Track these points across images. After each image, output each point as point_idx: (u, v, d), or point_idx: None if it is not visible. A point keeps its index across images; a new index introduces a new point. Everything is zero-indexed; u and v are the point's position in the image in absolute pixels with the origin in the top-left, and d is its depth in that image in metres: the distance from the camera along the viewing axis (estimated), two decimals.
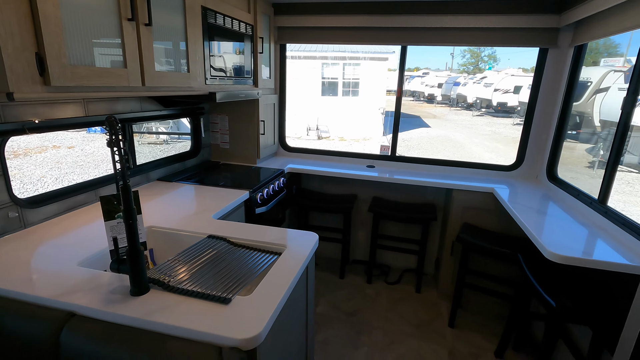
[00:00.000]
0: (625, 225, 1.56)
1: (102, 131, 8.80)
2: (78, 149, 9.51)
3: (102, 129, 6.60)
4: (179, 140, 9.30)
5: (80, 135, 10.60)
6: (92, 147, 9.78)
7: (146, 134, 9.36)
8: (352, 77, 13.52)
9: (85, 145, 9.97)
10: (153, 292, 1.01)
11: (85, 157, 8.96)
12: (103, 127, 1.05)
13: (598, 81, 8.98)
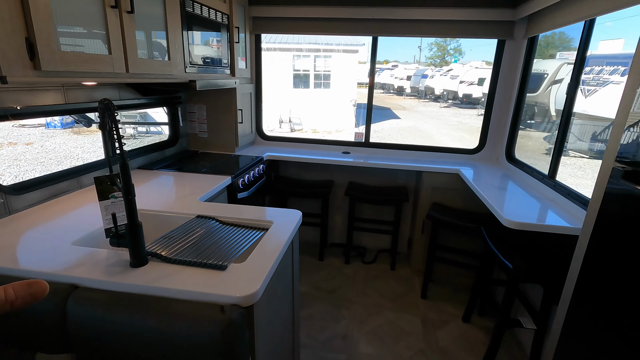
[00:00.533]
0: (570, 195, 1.78)
1: (63, 126, 8.39)
2: (37, 146, 9.02)
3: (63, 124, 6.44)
4: (147, 135, 9.04)
5: (39, 132, 10.04)
6: (52, 144, 9.29)
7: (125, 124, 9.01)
8: (324, 69, 13.60)
9: (44, 141, 9.45)
10: (152, 264, 1.09)
11: (46, 153, 8.52)
12: (97, 112, 1.10)
13: (553, 73, 9.58)
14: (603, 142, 7.32)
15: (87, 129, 10.06)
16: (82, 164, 1.79)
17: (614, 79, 7.23)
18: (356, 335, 2.12)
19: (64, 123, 9.89)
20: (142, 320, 0.92)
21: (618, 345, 1.07)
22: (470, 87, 17.57)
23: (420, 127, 13.07)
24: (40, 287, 0.33)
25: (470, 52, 25.42)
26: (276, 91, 13.15)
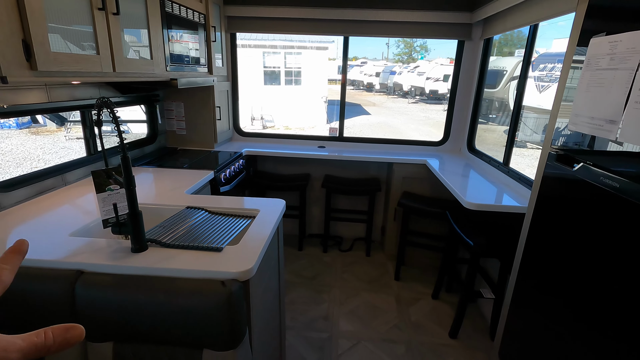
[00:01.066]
0: (521, 180, 2.02)
1: (18, 126, 7.95)
2: None
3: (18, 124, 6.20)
4: (111, 134, 8.73)
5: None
6: (8, 145, 8.79)
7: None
8: (294, 66, 13.66)
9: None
10: (152, 249, 1.18)
11: (3, 155, 8.06)
12: (94, 108, 1.17)
13: (512, 70, 10.19)
14: None
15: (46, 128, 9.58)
16: (65, 161, 1.82)
17: (557, 76, 7.83)
18: (336, 315, 2.28)
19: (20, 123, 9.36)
20: (150, 297, 1.02)
21: (557, 306, 1.29)
22: (436, 83, 18.21)
23: (390, 123, 13.45)
24: (77, 332, 0.32)
25: (435, 50, 26.25)
26: (247, 88, 13.06)
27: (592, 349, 1.07)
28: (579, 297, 1.15)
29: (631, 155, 0.96)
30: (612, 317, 1.00)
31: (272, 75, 13.82)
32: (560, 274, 1.26)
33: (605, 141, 1.05)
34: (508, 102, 9.66)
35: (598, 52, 1.08)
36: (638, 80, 0.92)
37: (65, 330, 0.31)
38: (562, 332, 1.22)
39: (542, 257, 1.38)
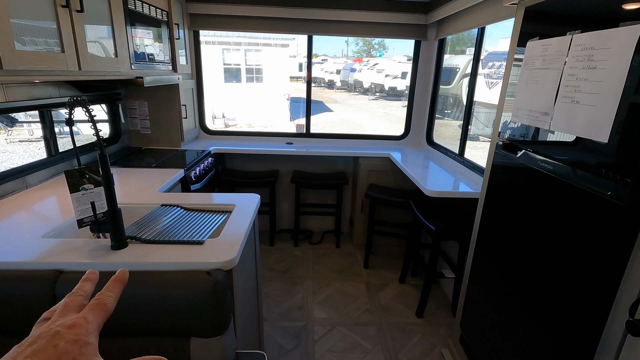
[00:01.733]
0: (474, 169, 2.22)
1: None
2: None
3: None
4: (60, 135, 8.18)
5: None
6: None
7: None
8: (255, 63, 13.52)
9: None
10: (132, 246, 1.20)
11: None
12: (65, 107, 1.16)
13: (464, 67, 10.78)
14: None
15: None
16: (25, 163, 1.75)
17: (502, 73, 8.44)
18: (310, 304, 2.38)
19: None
20: (136, 292, 1.05)
21: (506, 277, 1.46)
22: (394, 80, 18.79)
23: (352, 119, 13.73)
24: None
25: (393, 49, 27.04)
26: (207, 86, 12.70)
27: (535, 310, 1.25)
28: (523, 266, 1.32)
29: (561, 144, 1.13)
30: (549, 280, 1.17)
31: (232, 72, 13.58)
32: (509, 249, 1.43)
33: (545, 132, 1.23)
34: (461, 98, 10.24)
35: (533, 53, 1.25)
36: (564, 78, 1.09)
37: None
38: (510, 300, 1.39)
39: (493, 236, 1.56)
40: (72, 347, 0.28)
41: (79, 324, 0.30)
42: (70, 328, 0.30)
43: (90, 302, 0.34)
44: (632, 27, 0.87)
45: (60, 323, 0.30)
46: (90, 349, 0.29)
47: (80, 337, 0.29)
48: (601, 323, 0.99)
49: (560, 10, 1.15)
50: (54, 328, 0.30)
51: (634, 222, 0.89)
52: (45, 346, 0.28)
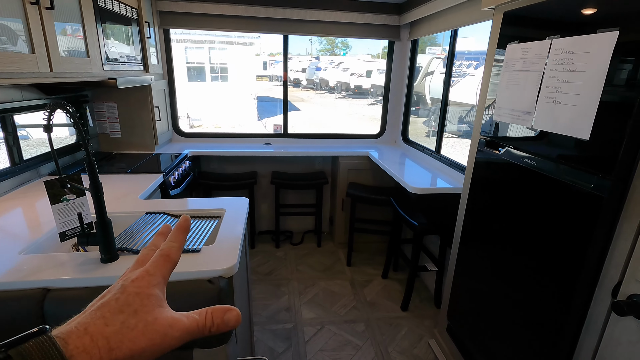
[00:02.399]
0: (452, 165, 2.32)
1: None
2: None
3: None
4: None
5: None
6: None
7: None
8: (220, 62, 13.20)
9: None
10: (124, 257, 1.14)
11: None
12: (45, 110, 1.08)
13: (426, 66, 11.16)
14: (467, 123, 8.97)
15: None
16: None
17: (470, 72, 8.87)
18: (297, 305, 2.37)
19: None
20: None
21: (491, 270, 1.54)
22: (359, 78, 19.06)
23: (319, 118, 13.78)
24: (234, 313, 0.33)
25: (357, 48, 27.38)
26: None
27: (522, 297, 1.33)
28: (509, 256, 1.40)
29: (545, 142, 1.21)
30: (535, 268, 1.25)
31: (196, 71, 13.18)
32: (493, 240, 1.52)
33: (510, 129, 1.31)
34: (425, 95, 10.61)
35: (513, 56, 1.33)
36: (545, 80, 1.17)
37: (223, 312, 0.33)
38: (496, 288, 1.47)
39: (478, 229, 1.64)
40: (133, 299, 0.30)
41: (142, 276, 0.32)
42: (133, 281, 0.31)
43: (154, 255, 0.34)
44: (609, 34, 0.95)
45: (127, 277, 0.32)
46: (153, 300, 0.31)
47: (142, 289, 0.31)
48: (586, 305, 1.08)
49: (539, 15, 1.23)
50: (120, 282, 0.32)
51: (615, 212, 0.98)
52: (109, 299, 0.30)
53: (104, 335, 0.27)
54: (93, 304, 0.30)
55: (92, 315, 0.28)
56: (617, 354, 0.99)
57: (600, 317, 1.04)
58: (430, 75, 10.77)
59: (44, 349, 0.25)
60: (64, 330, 0.27)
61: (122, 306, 0.29)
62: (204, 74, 13.14)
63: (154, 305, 0.30)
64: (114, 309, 0.29)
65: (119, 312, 0.29)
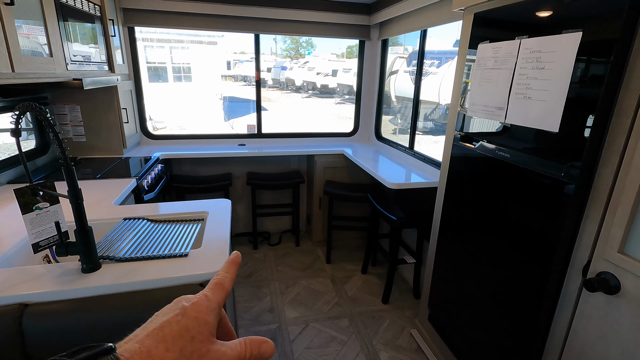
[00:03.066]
0: (426, 160, 2.40)
1: None
2: None
3: None
4: None
5: None
6: None
7: None
8: (182, 61, 12.78)
9: None
10: (106, 267, 1.09)
11: None
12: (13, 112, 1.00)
13: (390, 65, 11.40)
14: (431, 120, 9.30)
15: None
16: None
17: (432, 71, 9.20)
18: (280, 305, 2.36)
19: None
20: (124, 316, 0.96)
21: (470, 258, 1.62)
22: (326, 77, 19.16)
23: (288, 118, 13.72)
24: (269, 345, 0.34)
25: (320, 47, 27.47)
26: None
27: (501, 281, 1.41)
28: (487, 244, 1.48)
29: (517, 135, 1.29)
30: (512, 252, 1.34)
31: (157, 71, 12.68)
32: (471, 230, 1.60)
33: (469, 120, 1.39)
34: (390, 94, 10.88)
35: (485, 55, 1.41)
36: (516, 77, 1.25)
37: (260, 343, 0.33)
38: (476, 275, 1.56)
39: (456, 219, 1.71)
40: (192, 323, 0.30)
41: (201, 301, 0.32)
42: (193, 305, 0.31)
43: (209, 282, 0.35)
44: (573, 35, 1.03)
45: (188, 298, 0.32)
46: (208, 328, 0.31)
47: (201, 314, 0.31)
48: (559, 285, 1.17)
49: (508, 17, 1.31)
50: (182, 303, 0.32)
51: (583, 198, 1.06)
52: (170, 320, 0.30)
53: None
54: (153, 320, 0.31)
55: (154, 337, 0.29)
56: (589, 328, 1.08)
57: (572, 295, 1.13)
58: (395, 74, 11.09)
59: None
60: (128, 348, 0.28)
61: (182, 330, 0.29)
62: (166, 74, 12.66)
63: (208, 335, 0.31)
64: (175, 332, 0.29)
65: (179, 336, 0.29)
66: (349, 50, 22.35)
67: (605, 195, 1.01)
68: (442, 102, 8.91)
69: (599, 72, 0.98)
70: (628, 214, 0.94)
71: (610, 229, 0.99)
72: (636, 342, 0.95)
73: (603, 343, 1.04)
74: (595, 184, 1.04)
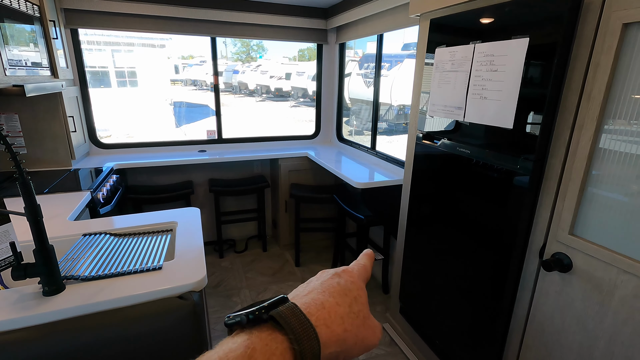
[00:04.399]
0: (388, 159, 2.50)
1: None
2: None
3: None
4: None
5: None
6: None
7: None
8: (127, 65, 12.06)
9: None
10: (71, 287, 1.01)
11: None
12: None
13: None
14: (385, 121, 9.63)
15: None
16: None
17: (383, 74, 9.55)
18: None
19: None
20: (95, 339, 0.90)
21: (438, 249, 1.72)
22: (279, 81, 19.09)
23: (242, 122, 13.46)
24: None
25: (273, 50, 27.31)
26: None
27: (467, 268, 1.51)
28: (452, 234, 1.58)
29: (476, 132, 1.40)
30: (476, 241, 1.44)
31: (98, 76, 11.85)
32: (437, 222, 1.69)
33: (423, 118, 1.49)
34: (344, 96, 11.11)
35: (442, 58, 1.50)
36: (472, 79, 1.35)
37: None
38: (444, 265, 1.65)
39: (422, 214, 1.80)
40: (351, 286, 0.31)
41: (350, 270, 0.34)
42: (345, 271, 0.33)
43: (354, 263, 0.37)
44: (521, 40, 1.14)
45: (334, 268, 0.34)
46: (365, 294, 0.32)
47: (355, 279, 0.33)
48: (520, 268, 1.28)
49: (462, 23, 1.41)
50: (330, 271, 0.33)
51: (537, 187, 1.18)
52: (331, 283, 0.31)
53: (339, 314, 0.29)
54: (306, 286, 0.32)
55: (321, 293, 0.29)
56: (547, 303, 1.19)
57: (531, 276, 1.24)
58: (348, 77, 11.35)
59: (297, 315, 0.26)
60: (299, 303, 0.28)
61: (344, 290, 0.30)
62: (109, 78, 11.86)
63: (366, 300, 0.32)
64: (338, 291, 0.30)
65: (344, 294, 0.30)
66: (300, 53, 22.41)
67: (555, 183, 1.13)
68: (394, 103, 9.29)
69: (546, 73, 1.09)
70: (576, 199, 1.06)
71: (561, 213, 1.11)
72: (587, 312, 1.07)
73: (560, 316, 1.16)
74: (546, 174, 1.15)
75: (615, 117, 0.96)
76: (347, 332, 0.29)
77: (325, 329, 0.27)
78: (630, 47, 0.92)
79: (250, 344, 0.25)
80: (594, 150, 1.01)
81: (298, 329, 0.26)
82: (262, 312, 0.26)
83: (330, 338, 0.27)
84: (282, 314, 0.26)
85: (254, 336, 0.25)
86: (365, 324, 0.31)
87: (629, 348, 0.97)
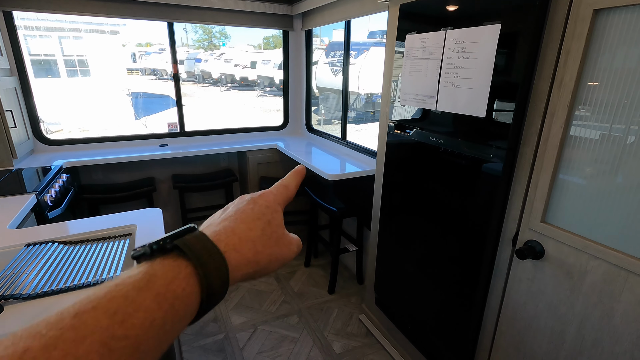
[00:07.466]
0: (358, 150, 2.46)
1: None
2: None
3: None
4: None
5: None
6: None
7: None
8: (76, 53, 11.20)
9: None
10: (10, 308, 0.88)
11: None
12: None
13: None
14: (353, 109, 9.64)
15: None
16: None
17: (351, 61, 9.51)
18: (225, 313, 2.24)
19: None
20: None
21: (412, 239, 1.71)
22: (245, 69, 18.56)
23: (207, 113, 13.02)
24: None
25: (237, 38, 26.43)
26: None
27: (441, 258, 1.51)
28: (426, 224, 1.57)
29: (448, 121, 1.38)
30: (450, 230, 1.44)
31: (44, 65, 10.93)
32: (411, 212, 1.68)
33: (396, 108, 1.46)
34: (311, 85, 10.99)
35: (413, 45, 1.46)
36: (444, 67, 1.32)
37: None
38: (418, 255, 1.64)
39: (395, 204, 1.78)
40: (264, 210, 0.32)
41: (267, 194, 0.35)
42: (261, 196, 0.34)
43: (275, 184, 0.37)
44: (493, 26, 1.12)
45: (250, 195, 0.35)
46: (280, 216, 0.34)
47: (270, 203, 0.33)
48: (493, 255, 1.28)
49: (433, 9, 1.38)
50: (247, 197, 0.34)
51: (509, 176, 1.18)
52: (244, 208, 0.32)
53: (250, 238, 0.30)
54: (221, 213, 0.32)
55: (232, 220, 0.30)
56: (520, 290, 1.21)
57: (505, 263, 1.25)
58: (315, 65, 11.20)
59: (203, 242, 0.27)
60: (209, 231, 0.29)
61: (258, 214, 0.32)
62: (57, 67, 10.96)
63: (281, 222, 0.33)
64: (251, 216, 0.31)
65: (256, 219, 0.31)
66: (265, 41, 21.77)
67: (527, 171, 1.13)
68: (361, 91, 9.29)
69: (518, 61, 1.07)
70: (547, 187, 1.06)
71: (533, 201, 1.11)
72: (559, 297, 1.09)
73: (532, 302, 1.18)
74: (518, 163, 1.15)
75: (586, 104, 0.96)
76: (260, 254, 0.30)
77: (234, 254, 0.28)
78: (601, 33, 0.91)
79: (151, 269, 0.25)
80: (565, 138, 1.01)
81: (203, 254, 0.26)
82: (167, 241, 0.26)
83: (240, 262, 0.29)
84: (186, 242, 0.26)
85: (156, 263, 0.25)
86: (279, 243, 0.32)
87: (598, 331, 1.00)
